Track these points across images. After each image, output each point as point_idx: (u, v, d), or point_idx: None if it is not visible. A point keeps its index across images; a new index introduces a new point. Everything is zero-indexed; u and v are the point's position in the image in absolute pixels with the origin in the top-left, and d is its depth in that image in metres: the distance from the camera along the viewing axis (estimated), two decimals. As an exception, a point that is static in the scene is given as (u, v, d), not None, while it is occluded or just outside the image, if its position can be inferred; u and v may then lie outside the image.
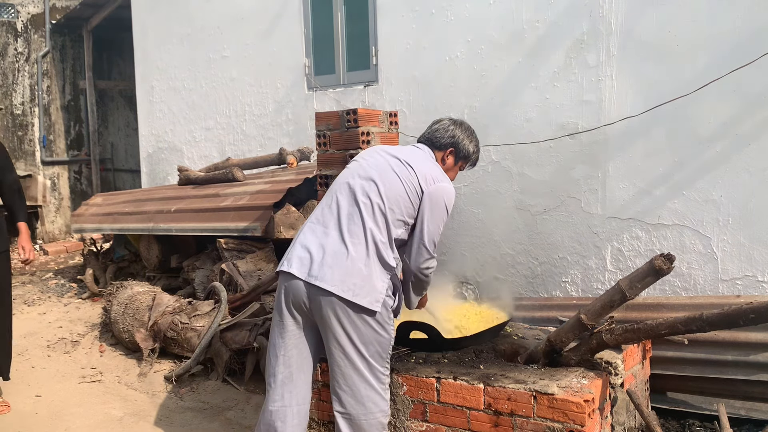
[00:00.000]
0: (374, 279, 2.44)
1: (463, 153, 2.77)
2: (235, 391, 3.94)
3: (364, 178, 2.56)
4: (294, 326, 2.53)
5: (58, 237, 9.92)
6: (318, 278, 2.41)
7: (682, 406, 3.39)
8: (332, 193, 2.61)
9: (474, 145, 2.81)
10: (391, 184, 2.53)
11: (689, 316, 2.65)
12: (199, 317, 4.35)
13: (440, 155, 2.75)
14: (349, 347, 2.45)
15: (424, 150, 2.73)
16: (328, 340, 2.48)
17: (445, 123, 2.79)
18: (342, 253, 2.43)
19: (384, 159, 2.62)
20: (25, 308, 5.99)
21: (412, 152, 2.68)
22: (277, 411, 2.53)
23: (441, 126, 2.78)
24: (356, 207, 2.50)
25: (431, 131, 2.78)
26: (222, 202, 5.07)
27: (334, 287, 2.39)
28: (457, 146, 2.75)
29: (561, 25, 4.12)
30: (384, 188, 2.52)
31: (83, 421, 3.61)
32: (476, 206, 4.47)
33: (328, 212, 2.55)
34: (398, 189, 2.52)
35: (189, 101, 6.80)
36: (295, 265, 2.47)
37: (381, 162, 2.61)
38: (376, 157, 2.65)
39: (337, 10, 5.45)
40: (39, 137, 9.74)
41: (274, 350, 2.56)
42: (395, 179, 2.54)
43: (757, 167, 3.52)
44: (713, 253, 3.67)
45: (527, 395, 2.60)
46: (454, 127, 2.77)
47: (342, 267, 2.41)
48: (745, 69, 3.37)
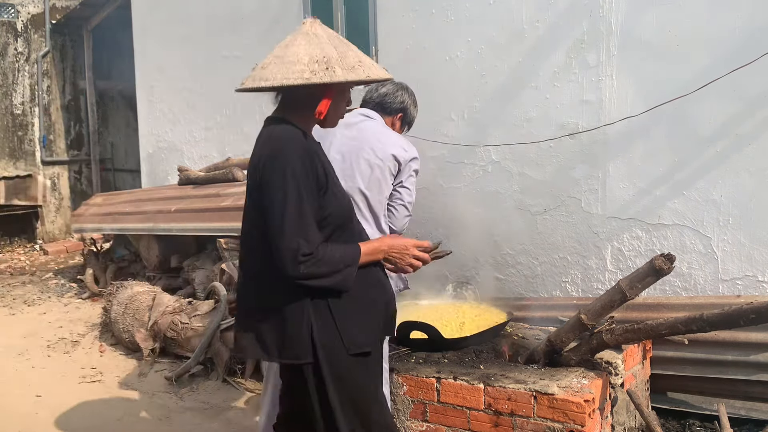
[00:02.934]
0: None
1: (409, 119, 2.80)
2: (235, 391, 3.94)
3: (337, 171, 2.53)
4: None
5: (58, 237, 9.92)
6: None
7: (682, 406, 3.39)
8: None
9: (416, 110, 2.83)
10: (367, 171, 2.52)
11: (690, 317, 2.66)
12: (199, 317, 4.34)
13: (389, 120, 2.74)
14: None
15: (376, 118, 2.68)
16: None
17: (391, 87, 2.74)
18: None
19: (348, 146, 2.57)
20: (25, 308, 5.99)
21: (367, 127, 2.62)
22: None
23: (389, 91, 2.72)
24: None
25: (380, 96, 2.72)
26: (222, 202, 5.07)
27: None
28: (406, 112, 2.76)
29: (561, 25, 4.12)
30: (360, 177, 2.51)
31: (83, 421, 3.61)
32: (476, 206, 4.47)
33: None
34: (374, 174, 2.53)
35: (189, 101, 6.80)
36: None
37: (346, 149, 2.57)
38: (340, 144, 2.58)
39: (337, 10, 5.45)
40: (39, 137, 9.74)
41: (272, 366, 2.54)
42: (367, 167, 2.53)
43: (757, 167, 3.52)
44: (713, 253, 3.67)
45: (527, 395, 2.60)
46: (402, 92, 2.75)
47: None
48: (745, 69, 3.37)
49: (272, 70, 1.87)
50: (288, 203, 1.79)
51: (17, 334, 5.15)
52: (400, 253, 2.02)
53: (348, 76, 1.86)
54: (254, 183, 1.93)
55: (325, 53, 1.87)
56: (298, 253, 1.77)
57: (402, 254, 2.02)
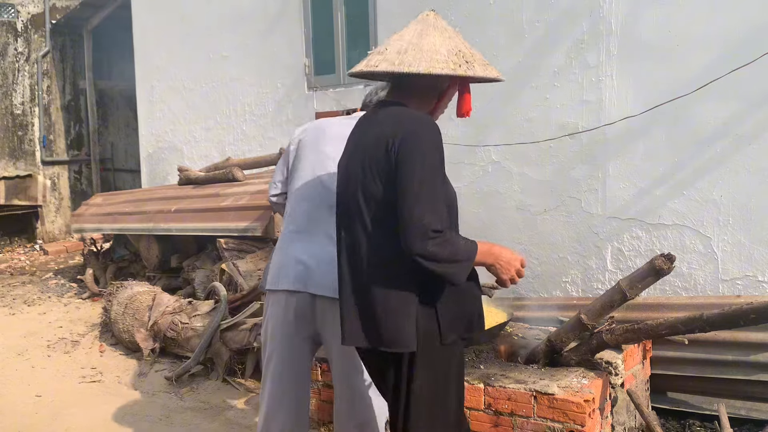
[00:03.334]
0: None
1: None
2: (235, 391, 3.94)
3: (331, 175, 2.47)
4: (292, 337, 2.48)
5: (58, 237, 9.93)
6: (319, 288, 2.38)
7: (682, 406, 3.39)
8: (303, 198, 2.52)
9: None
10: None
11: (690, 317, 2.66)
12: (199, 317, 4.34)
13: None
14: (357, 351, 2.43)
15: None
16: (335, 347, 2.42)
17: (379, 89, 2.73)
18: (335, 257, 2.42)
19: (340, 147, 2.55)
20: (25, 308, 5.99)
21: None
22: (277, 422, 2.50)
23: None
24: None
25: (380, 99, 2.71)
26: (222, 202, 5.07)
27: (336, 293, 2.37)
28: None
29: (561, 25, 4.12)
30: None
31: (83, 421, 3.61)
32: (476, 206, 4.47)
33: (307, 219, 2.49)
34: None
35: (189, 101, 6.80)
36: (291, 279, 2.42)
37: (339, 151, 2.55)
38: (336, 147, 2.47)
39: (337, 10, 5.45)
40: (39, 137, 9.74)
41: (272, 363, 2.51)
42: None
43: (757, 167, 3.52)
44: (713, 253, 3.67)
45: (527, 395, 2.60)
46: None
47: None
48: (745, 69, 3.37)
49: (414, 56, 1.88)
50: (426, 180, 1.79)
51: (17, 334, 5.15)
52: (507, 263, 1.95)
53: (484, 73, 1.92)
54: (380, 155, 1.88)
55: (459, 48, 1.92)
56: (429, 228, 1.74)
57: (509, 266, 1.95)
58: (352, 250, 1.98)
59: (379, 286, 1.88)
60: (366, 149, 1.95)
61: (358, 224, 1.95)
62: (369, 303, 1.90)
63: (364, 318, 1.92)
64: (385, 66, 1.90)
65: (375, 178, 1.89)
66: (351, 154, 2.02)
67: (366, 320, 1.91)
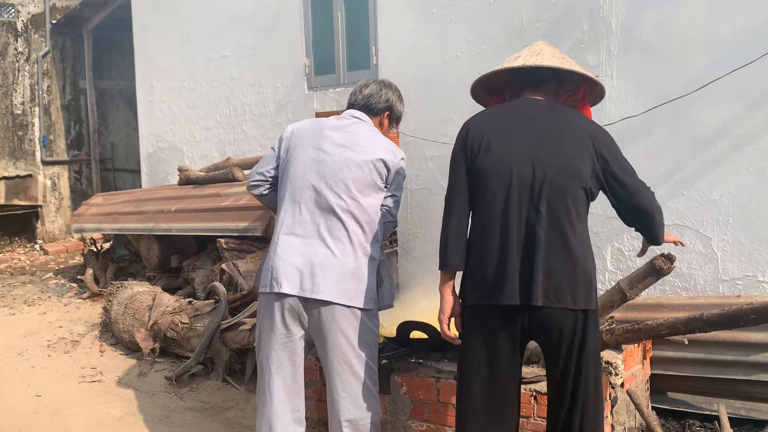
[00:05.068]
0: (365, 278, 2.45)
1: (396, 115, 2.78)
2: (235, 391, 3.94)
3: (328, 177, 2.49)
4: (286, 339, 2.50)
5: (58, 237, 9.93)
6: (313, 291, 2.39)
7: (682, 406, 3.39)
8: (298, 197, 2.51)
9: (402, 105, 2.81)
10: (363, 180, 2.49)
11: (690, 317, 2.66)
12: (199, 317, 4.35)
13: (377, 120, 2.69)
14: (349, 352, 2.44)
15: (365, 119, 2.65)
16: (328, 348, 2.45)
17: (374, 87, 2.69)
18: (330, 259, 2.42)
19: (340, 151, 2.53)
20: (25, 308, 5.99)
21: (358, 130, 2.59)
22: (275, 423, 2.52)
23: (373, 91, 2.68)
24: (331, 209, 2.46)
25: (365, 97, 2.68)
26: (222, 202, 5.07)
27: (331, 296, 2.38)
28: (392, 109, 2.73)
29: (561, 25, 4.12)
30: (355, 185, 2.48)
31: (83, 421, 3.61)
32: (476, 206, 4.47)
33: (300, 220, 2.48)
34: (369, 183, 2.50)
35: (189, 101, 6.80)
36: (284, 283, 2.42)
37: (340, 156, 2.52)
38: (331, 149, 2.54)
39: (337, 10, 5.45)
40: (39, 137, 9.74)
41: (268, 364, 2.52)
42: (365, 175, 2.50)
43: (757, 167, 3.52)
44: (713, 253, 3.67)
45: (527, 395, 2.60)
46: (386, 90, 2.71)
47: (333, 273, 2.40)
48: (745, 69, 3.37)
49: (573, 64, 2.28)
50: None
51: (17, 334, 5.15)
52: None
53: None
54: (583, 149, 2.15)
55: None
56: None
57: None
58: (554, 218, 2.10)
59: (582, 251, 2.11)
60: (558, 139, 2.14)
61: (570, 194, 2.11)
62: (574, 266, 2.08)
63: (570, 280, 2.07)
64: (565, 64, 2.24)
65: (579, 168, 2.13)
66: (532, 142, 2.15)
67: (571, 282, 2.07)
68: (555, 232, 2.07)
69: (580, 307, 2.07)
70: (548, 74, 2.26)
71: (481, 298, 2.13)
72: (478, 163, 2.17)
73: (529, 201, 2.08)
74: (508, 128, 2.20)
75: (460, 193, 2.21)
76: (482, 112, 2.39)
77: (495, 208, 2.11)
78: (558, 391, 2.16)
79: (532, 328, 2.12)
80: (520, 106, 2.26)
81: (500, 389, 2.17)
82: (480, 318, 2.16)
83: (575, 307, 2.07)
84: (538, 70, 2.24)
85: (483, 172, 2.15)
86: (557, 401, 2.16)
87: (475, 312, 2.17)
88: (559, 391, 2.15)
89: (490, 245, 2.11)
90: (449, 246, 2.17)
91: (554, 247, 2.06)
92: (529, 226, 2.07)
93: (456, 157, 2.28)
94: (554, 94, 2.31)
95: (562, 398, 2.14)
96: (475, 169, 2.18)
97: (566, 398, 2.12)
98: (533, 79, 2.28)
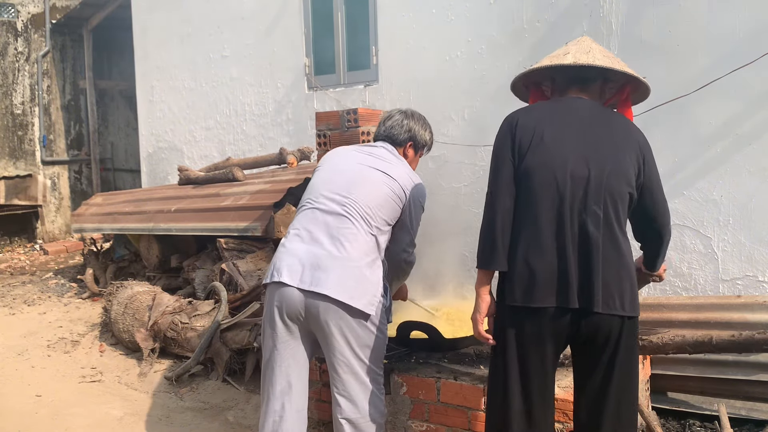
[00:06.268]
0: (367, 280, 2.45)
1: (421, 143, 2.82)
2: (235, 391, 3.94)
3: (347, 186, 2.56)
4: (288, 336, 2.50)
5: (58, 237, 9.93)
6: (312, 284, 2.39)
7: (682, 406, 3.39)
8: (313, 203, 2.58)
9: (428, 132, 2.85)
10: (376, 192, 2.54)
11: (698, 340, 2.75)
12: (199, 317, 4.35)
13: (401, 150, 2.78)
14: (348, 352, 2.44)
15: (389, 149, 2.74)
16: (327, 346, 2.46)
17: (397, 118, 2.78)
18: (333, 256, 2.42)
19: (360, 166, 2.63)
20: (25, 308, 5.99)
21: (383, 157, 2.69)
22: (278, 421, 2.52)
23: (395, 123, 2.76)
24: (343, 214, 2.49)
25: (387, 129, 2.77)
26: (222, 202, 5.07)
27: (330, 290, 2.38)
28: (415, 138, 2.79)
29: (561, 25, 4.12)
30: (369, 196, 2.53)
31: (83, 421, 3.61)
32: (476, 206, 4.47)
33: (313, 220, 2.53)
34: (383, 197, 2.55)
35: (189, 101, 6.80)
36: (285, 273, 2.44)
37: (359, 169, 2.62)
38: (352, 164, 2.65)
39: (337, 10, 5.45)
40: (39, 137, 9.74)
41: (270, 362, 2.53)
42: (379, 188, 2.56)
43: (757, 167, 3.52)
44: (714, 253, 3.67)
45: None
46: (407, 120, 2.78)
47: (336, 270, 2.40)
48: (745, 69, 3.37)
49: (622, 64, 2.23)
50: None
51: (17, 334, 5.15)
52: None
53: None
54: (630, 158, 2.10)
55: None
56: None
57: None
58: (610, 226, 2.06)
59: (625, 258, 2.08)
60: (611, 141, 2.11)
61: (618, 203, 2.06)
62: (623, 274, 2.06)
63: (620, 287, 2.05)
64: (616, 65, 2.19)
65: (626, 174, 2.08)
66: (587, 141, 2.10)
67: (620, 289, 2.05)
68: (608, 234, 2.01)
69: (628, 314, 2.04)
70: (596, 73, 2.20)
71: (529, 300, 2.03)
72: (529, 157, 2.07)
73: (583, 200, 2.01)
74: (562, 125, 2.12)
75: (505, 189, 2.10)
76: (530, 107, 2.32)
77: (547, 205, 2.02)
78: (591, 395, 2.11)
79: (581, 332, 2.05)
80: (572, 105, 2.19)
81: (545, 390, 2.11)
82: (525, 319, 2.06)
83: (624, 313, 2.03)
84: (587, 69, 2.16)
85: (535, 166, 2.06)
86: (591, 405, 2.11)
87: (518, 313, 2.07)
88: (592, 395, 2.10)
89: (544, 245, 2.02)
90: (493, 246, 2.07)
91: (608, 250, 2.01)
92: (583, 227, 2.00)
93: (501, 150, 2.17)
94: (599, 92, 2.25)
95: (596, 402, 2.09)
96: (525, 164, 2.08)
97: (603, 403, 2.08)
98: (581, 77, 2.21)
